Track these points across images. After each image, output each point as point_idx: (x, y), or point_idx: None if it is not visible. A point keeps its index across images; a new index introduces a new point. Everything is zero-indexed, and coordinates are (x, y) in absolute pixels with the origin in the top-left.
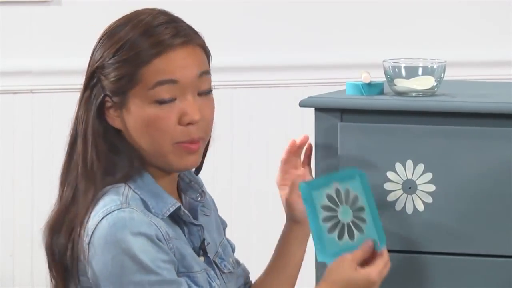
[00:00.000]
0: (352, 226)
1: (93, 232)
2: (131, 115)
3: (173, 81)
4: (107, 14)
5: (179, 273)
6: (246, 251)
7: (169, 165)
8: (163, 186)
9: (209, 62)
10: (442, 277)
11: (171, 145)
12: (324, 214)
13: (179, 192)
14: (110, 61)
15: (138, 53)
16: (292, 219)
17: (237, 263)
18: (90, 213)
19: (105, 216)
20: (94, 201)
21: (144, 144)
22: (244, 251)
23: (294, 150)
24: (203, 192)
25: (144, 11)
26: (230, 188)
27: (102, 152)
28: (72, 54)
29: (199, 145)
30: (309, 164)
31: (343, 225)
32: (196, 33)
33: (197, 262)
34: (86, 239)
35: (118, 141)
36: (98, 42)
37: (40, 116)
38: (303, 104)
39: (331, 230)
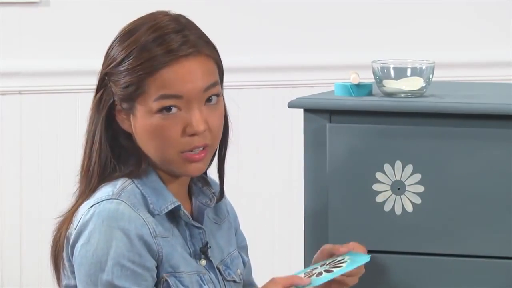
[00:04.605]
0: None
1: (80, 219)
2: (137, 122)
3: (177, 96)
4: (95, 15)
5: (165, 273)
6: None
7: (174, 171)
8: (171, 187)
9: (220, 71)
10: (431, 278)
11: (176, 153)
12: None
13: (190, 196)
14: (119, 67)
15: (145, 62)
16: None
17: (251, 284)
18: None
19: (94, 205)
20: (91, 194)
21: (150, 150)
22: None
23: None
24: (213, 198)
25: (160, 17)
26: None
27: (107, 153)
28: (60, 55)
29: (205, 153)
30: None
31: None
32: (207, 42)
33: (188, 263)
34: (74, 225)
35: (128, 142)
36: (114, 41)
37: (28, 117)
38: (292, 105)
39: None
